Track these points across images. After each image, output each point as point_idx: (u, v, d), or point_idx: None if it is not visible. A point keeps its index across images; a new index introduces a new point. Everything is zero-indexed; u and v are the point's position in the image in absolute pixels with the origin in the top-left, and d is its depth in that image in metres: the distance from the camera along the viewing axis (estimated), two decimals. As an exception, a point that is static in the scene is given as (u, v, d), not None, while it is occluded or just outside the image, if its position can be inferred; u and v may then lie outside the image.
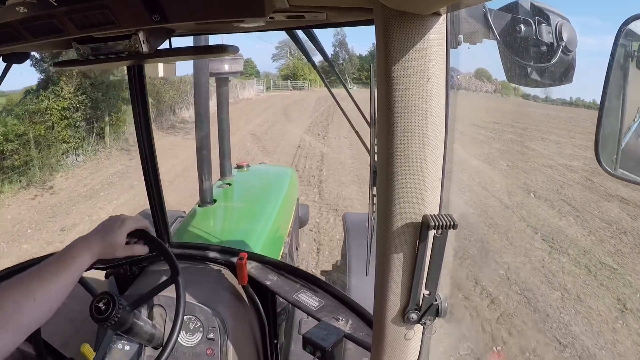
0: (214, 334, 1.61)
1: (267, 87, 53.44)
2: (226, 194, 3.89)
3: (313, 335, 1.41)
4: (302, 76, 65.60)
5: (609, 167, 0.92)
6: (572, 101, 46.33)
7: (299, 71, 66.98)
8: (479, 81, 46.82)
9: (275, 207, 3.69)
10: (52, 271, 1.16)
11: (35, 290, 1.09)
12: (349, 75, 65.77)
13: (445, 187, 0.82)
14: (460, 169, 12.12)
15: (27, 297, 1.07)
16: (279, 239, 3.49)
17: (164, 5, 0.80)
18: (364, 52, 76.50)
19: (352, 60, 75.50)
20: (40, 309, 1.09)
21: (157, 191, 2.03)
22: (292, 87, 61.32)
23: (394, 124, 0.73)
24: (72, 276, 1.19)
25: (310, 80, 64.25)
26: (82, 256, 1.23)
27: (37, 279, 1.12)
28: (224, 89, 3.78)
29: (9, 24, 0.91)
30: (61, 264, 1.18)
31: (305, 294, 1.76)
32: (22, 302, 1.06)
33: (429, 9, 0.66)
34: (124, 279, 1.97)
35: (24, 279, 1.11)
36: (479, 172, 12.00)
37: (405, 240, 0.82)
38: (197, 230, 3.08)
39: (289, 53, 73.86)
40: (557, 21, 0.82)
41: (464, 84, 42.60)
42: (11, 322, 1.02)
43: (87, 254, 1.25)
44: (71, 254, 1.22)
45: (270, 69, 78.68)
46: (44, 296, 1.10)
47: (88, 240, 1.30)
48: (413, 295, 0.87)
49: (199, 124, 3.28)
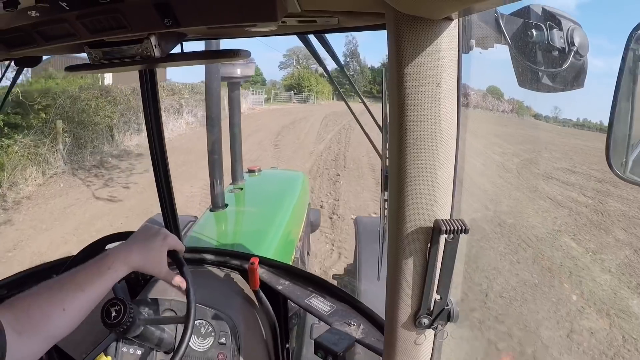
0: (226, 339, 1.61)
1: (267, 97, 45.83)
2: (238, 199, 3.91)
3: (325, 340, 1.41)
4: (307, 87, 60.77)
5: (619, 171, 0.92)
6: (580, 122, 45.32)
7: (304, 81, 61.72)
8: (495, 100, 45.51)
9: (287, 211, 3.70)
10: (86, 280, 1.10)
11: (65, 299, 1.04)
12: (360, 89, 58.17)
13: (456, 192, 0.82)
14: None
15: (56, 305, 1.02)
16: (291, 244, 3.50)
17: (176, 10, 0.81)
18: (376, 63, 74.68)
19: (363, 72, 72.28)
20: (69, 318, 1.04)
21: (169, 196, 2.04)
22: (295, 99, 56.00)
23: (405, 129, 0.73)
24: (104, 286, 1.14)
25: (317, 92, 60.13)
26: (119, 267, 1.18)
27: (69, 287, 1.07)
28: (236, 93, 3.80)
29: (21, 28, 0.92)
30: (96, 274, 1.13)
31: (317, 299, 1.76)
32: (51, 310, 1.01)
33: (441, 14, 0.67)
34: (135, 283, 1.98)
35: (55, 286, 1.07)
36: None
37: (416, 245, 0.82)
38: (209, 235, 3.09)
39: (295, 62, 70.36)
40: (569, 26, 0.82)
41: (481, 103, 41.86)
42: (38, 330, 0.98)
43: (125, 266, 1.19)
44: (107, 264, 1.16)
45: (277, 77, 74.64)
46: (74, 305, 1.05)
47: (128, 251, 1.22)
48: (425, 299, 0.87)
49: (210, 128, 3.30)
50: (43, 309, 1.01)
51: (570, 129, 42.88)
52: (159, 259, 1.29)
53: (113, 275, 1.16)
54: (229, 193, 3.86)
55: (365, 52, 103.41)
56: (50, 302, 1.03)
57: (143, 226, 1.38)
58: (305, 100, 56.70)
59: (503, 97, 47.36)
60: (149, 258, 1.26)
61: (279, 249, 3.07)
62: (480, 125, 25.86)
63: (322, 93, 60.78)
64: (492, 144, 19.91)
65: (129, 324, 1.30)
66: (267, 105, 41.34)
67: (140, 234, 1.32)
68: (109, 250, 1.22)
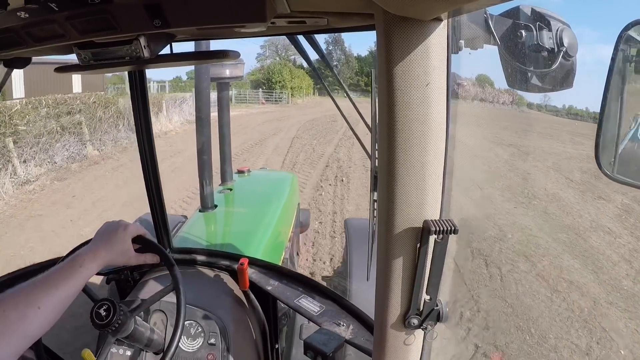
0: (215, 339, 1.60)
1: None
2: (227, 199, 3.90)
3: (314, 340, 1.41)
4: (279, 82, 46.98)
5: (608, 171, 0.93)
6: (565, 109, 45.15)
7: (275, 76, 47.57)
8: (495, 91, 44.48)
9: (276, 212, 3.70)
10: (58, 279, 1.15)
11: (40, 298, 1.08)
12: (345, 81, 46.24)
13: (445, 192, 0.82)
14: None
15: (31, 305, 1.06)
16: (280, 244, 3.50)
17: (165, 11, 0.81)
18: (363, 51, 63.09)
19: (349, 61, 60.75)
20: (45, 317, 1.07)
21: (158, 196, 2.03)
22: (264, 98, 42.87)
23: (394, 129, 0.73)
24: (77, 284, 1.18)
25: (292, 88, 46.95)
26: (89, 265, 1.23)
27: (41, 287, 1.11)
28: (225, 94, 3.81)
29: (10, 29, 0.91)
30: (67, 273, 1.18)
31: (306, 299, 1.76)
32: (26, 310, 1.04)
33: (430, 15, 0.67)
34: (125, 284, 1.97)
35: (28, 287, 1.10)
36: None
37: (406, 246, 0.82)
38: (198, 236, 3.08)
39: (276, 53, 59.21)
40: (558, 27, 0.83)
41: (481, 95, 41.28)
42: (15, 330, 1.01)
43: (94, 262, 1.25)
44: (78, 263, 1.21)
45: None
46: (49, 304, 1.09)
47: (95, 248, 1.29)
48: (414, 300, 0.87)
49: (199, 129, 3.29)
50: (19, 310, 1.04)
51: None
52: (125, 248, 1.38)
53: (85, 273, 1.21)
54: (218, 194, 3.85)
55: (351, 39, 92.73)
56: (25, 303, 1.06)
57: (103, 225, 1.43)
58: (278, 100, 44.15)
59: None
60: (115, 250, 1.34)
61: (268, 249, 3.07)
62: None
63: (300, 89, 48.51)
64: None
65: (118, 324, 1.30)
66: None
67: (102, 232, 1.39)
68: (78, 251, 1.28)
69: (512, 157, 14.61)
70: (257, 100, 41.93)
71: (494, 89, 40.78)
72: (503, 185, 10.81)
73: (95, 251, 1.28)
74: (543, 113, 42.16)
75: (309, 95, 49.85)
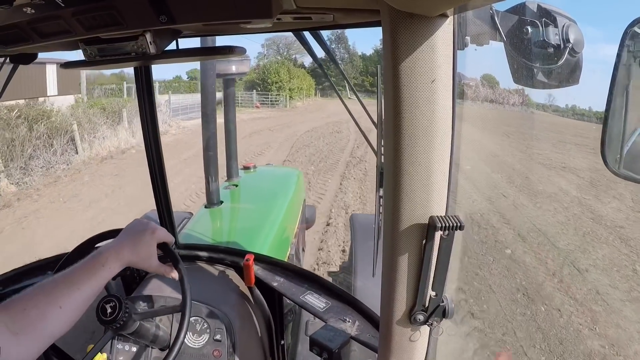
0: (221, 335, 1.61)
1: (217, 102, 12.00)
2: (233, 195, 3.91)
3: (320, 336, 1.42)
4: (275, 83, 42.18)
5: (614, 167, 0.93)
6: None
7: (271, 76, 42.57)
8: (506, 92, 43.08)
9: (282, 208, 3.70)
10: (80, 278, 1.11)
11: (61, 297, 1.05)
12: (349, 81, 42.20)
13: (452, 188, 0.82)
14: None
15: (52, 304, 1.03)
16: (286, 240, 3.50)
17: (171, 7, 0.81)
18: (368, 50, 62.35)
19: (353, 61, 59.23)
20: (66, 316, 1.05)
21: (164, 192, 2.03)
22: (259, 101, 38.24)
23: (400, 125, 0.73)
24: (99, 283, 1.15)
25: (291, 90, 42.07)
26: (112, 264, 1.19)
27: (63, 285, 1.08)
28: (231, 90, 3.82)
29: (16, 25, 0.92)
30: (90, 271, 1.14)
31: (312, 296, 1.76)
32: (47, 309, 1.02)
33: (436, 11, 0.66)
34: (131, 280, 1.98)
35: (49, 285, 1.07)
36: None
37: (411, 242, 0.82)
38: (204, 232, 3.08)
39: (277, 52, 55.38)
40: (564, 23, 0.82)
41: (491, 96, 40.49)
42: (35, 329, 0.98)
43: (117, 262, 1.21)
44: (100, 262, 1.18)
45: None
46: (70, 303, 1.06)
47: (119, 248, 1.24)
48: (420, 296, 0.87)
49: (205, 125, 3.30)
50: (39, 309, 1.01)
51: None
52: (150, 253, 1.31)
53: (107, 272, 1.18)
54: (224, 190, 3.86)
55: (355, 37, 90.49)
56: (46, 301, 1.03)
57: (132, 222, 1.38)
58: (274, 103, 39.70)
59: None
60: (140, 253, 1.28)
61: (274, 245, 3.07)
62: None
63: (300, 90, 43.96)
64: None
65: (124, 320, 1.31)
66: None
67: (129, 230, 1.33)
68: (101, 248, 1.23)
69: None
70: (251, 104, 37.23)
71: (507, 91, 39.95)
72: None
73: (120, 251, 1.23)
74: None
75: (309, 97, 46.43)
